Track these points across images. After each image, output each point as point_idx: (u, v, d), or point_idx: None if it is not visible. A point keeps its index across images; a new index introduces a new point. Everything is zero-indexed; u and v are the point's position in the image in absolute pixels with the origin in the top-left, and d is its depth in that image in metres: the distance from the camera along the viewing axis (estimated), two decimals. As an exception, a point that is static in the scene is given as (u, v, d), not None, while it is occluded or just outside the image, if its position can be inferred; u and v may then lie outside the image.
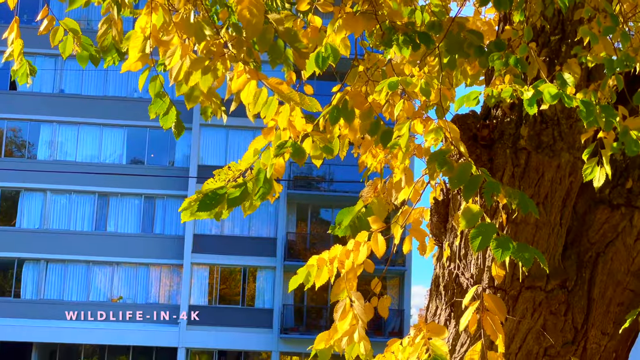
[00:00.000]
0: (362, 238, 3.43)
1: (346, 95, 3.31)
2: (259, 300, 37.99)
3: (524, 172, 3.81)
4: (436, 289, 4.04)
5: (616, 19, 3.39)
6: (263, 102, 3.12)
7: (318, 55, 3.44)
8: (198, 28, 3.20)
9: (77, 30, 3.57)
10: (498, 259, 2.77)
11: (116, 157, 38.80)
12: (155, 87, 3.37)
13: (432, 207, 4.07)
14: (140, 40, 3.43)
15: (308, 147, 3.14)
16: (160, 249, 37.58)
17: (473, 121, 3.95)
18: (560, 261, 3.85)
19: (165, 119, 3.37)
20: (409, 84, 3.37)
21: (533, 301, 3.76)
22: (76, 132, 38.64)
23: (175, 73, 3.23)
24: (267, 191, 3.10)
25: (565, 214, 3.85)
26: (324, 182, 39.26)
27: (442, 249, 4.03)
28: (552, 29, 3.93)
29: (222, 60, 3.21)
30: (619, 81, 3.41)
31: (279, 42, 3.20)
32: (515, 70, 3.52)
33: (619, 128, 3.25)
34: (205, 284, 37.71)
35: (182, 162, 38.82)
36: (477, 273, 3.81)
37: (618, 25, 3.40)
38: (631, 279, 3.88)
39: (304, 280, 3.52)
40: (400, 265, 37.37)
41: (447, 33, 3.30)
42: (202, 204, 3.07)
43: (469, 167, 2.86)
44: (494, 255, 2.80)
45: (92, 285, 37.53)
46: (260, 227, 38.25)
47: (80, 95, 38.87)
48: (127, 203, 38.21)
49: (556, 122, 3.82)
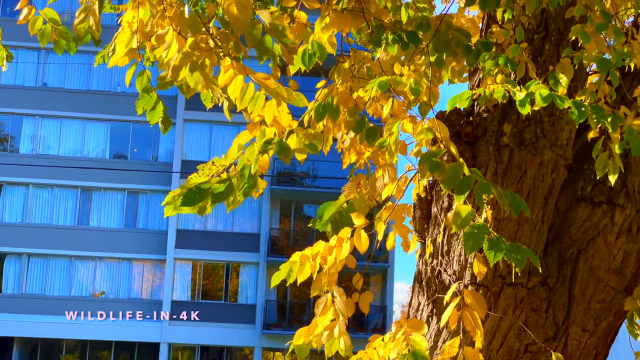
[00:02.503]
0: (345, 234, 3.45)
1: (332, 92, 3.33)
2: (242, 296, 37.97)
3: (506, 169, 3.84)
4: (419, 285, 4.06)
5: (608, 16, 3.41)
6: (250, 97, 3.13)
7: (305, 53, 3.45)
8: (193, 22, 3.21)
9: (56, 20, 3.57)
10: (491, 260, 2.79)
11: (99, 152, 38.65)
12: (142, 82, 3.36)
13: (415, 204, 4.09)
14: (127, 35, 3.42)
15: (293, 143, 3.15)
16: (143, 244, 37.48)
17: (456, 118, 3.97)
18: (542, 258, 3.88)
19: (152, 114, 3.37)
20: (398, 84, 3.39)
21: (515, 298, 3.79)
22: (59, 126, 38.45)
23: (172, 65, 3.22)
24: (251, 187, 3.10)
25: (547, 211, 3.88)
26: (308, 178, 39.29)
27: (425, 245, 4.05)
28: (536, 27, 3.95)
29: (209, 55, 3.21)
30: (614, 78, 3.43)
31: (267, 37, 3.20)
32: (505, 70, 3.55)
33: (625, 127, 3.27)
34: (188, 280, 37.65)
35: (165, 157, 38.71)
36: (460, 269, 3.84)
37: (610, 22, 3.42)
38: (612, 276, 3.91)
39: (286, 276, 3.53)
40: (383, 262, 37.46)
41: (435, 32, 3.31)
42: (186, 199, 3.07)
43: (460, 168, 2.88)
44: (486, 256, 2.82)
45: (74, 280, 37.38)
46: (244, 223, 38.23)
47: (63, 89, 38.68)
48: (110, 198, 38.08)
49: (539, 119, 3.85)
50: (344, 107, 3.39)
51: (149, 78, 3.37)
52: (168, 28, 3.33)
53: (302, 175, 39.28)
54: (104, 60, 3.89)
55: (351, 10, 3.38)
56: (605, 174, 3.53)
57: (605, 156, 3.43)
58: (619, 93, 3.88)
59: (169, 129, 3.44)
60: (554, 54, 3.88)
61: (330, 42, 3.43)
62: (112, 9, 7.29)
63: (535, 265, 2.85)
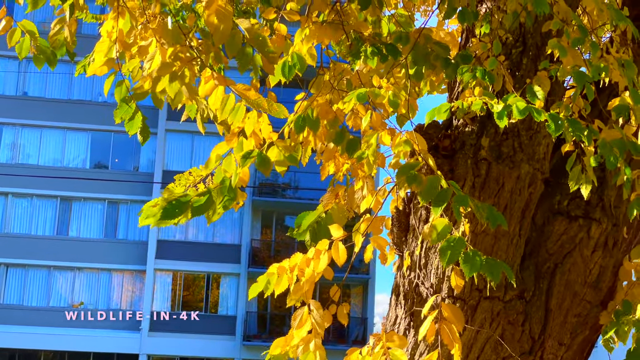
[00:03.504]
0: (323, 246, 3.45)
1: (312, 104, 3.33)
2: (222, 307, 37.82)
3: (484, 182, 3.85)
4: (396, 298, 4.06)
5: (585, 31, 3.44)
6: (231, 108, 3.13)
7: (284, 64, 3.45)
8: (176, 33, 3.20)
9: (34, 32, 3.55)
10: (467, 274, 2.80)
11: (80, 162, 38.45)
12: (121, 92, 3.35)
13: (393, 217, 4.10)
14: (106, 45, 3.42)
15: (273, 156, 3.15)
16: (123, 254, 37.28)
17: (435, 131, 3.99)
18: (519, 272, 3.89)
19: (131, 124, 3.36)
20: (377, 96, 3.41)
21: (491, 311, 3.80)
22: (39, 135, 38.24)
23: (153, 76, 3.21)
24: (231, 200, 3.10)
25: (524, 224, 3.90)
26: (290, 190, 39.26)
27: (402, 258, 4.05)
28: (514, 41, 3.98)
29: (189, 66, 3.21)
30: (589, 92, 3.46)
31: (248, 47, 3.21)
32: (483, 82, 3.57)
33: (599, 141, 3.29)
34: (168, 290, 37.46)
35: (147, 167, 38.57)
36: (437, 282, 3.84)
37: (587, 36, 3.45)
38: (588, 290, 3.93)
39: (263, 288, 3.52)
40: (363, 273, 37.46)
41: (414, 45, 3.33)
42: (165, 212, 3.05)
43: (437, 181, 2.89)
44: (462, 269, 2.83)
45: (52, 290, 37.09)
46: (225, 234, 38.12)
47: (44, 98, 38.49)
48: (90, 208, 37.86)
49: (516, 133, 3.87)
50: (324, 119, 3.40)
51: (127, 88, 3.36)
52: (151, 39, 3.32)
53: (283, 186, 39.25)
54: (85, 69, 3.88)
55: (331, 22, 3.39)
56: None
57: (579, 169, 3.45)
58: (594, 107, 3.92)
59: (147, 140, 3.43)
60: (532, 68, 3.91)
61: (310, 53, 3.44)
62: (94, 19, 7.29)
63: (510, 280, 2.86)
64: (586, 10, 3.76)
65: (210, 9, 3.05)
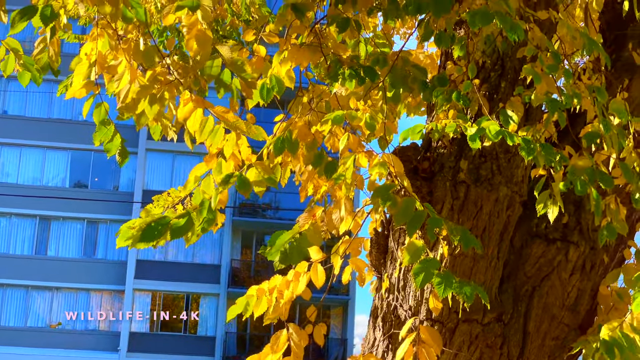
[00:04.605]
0: (302, 268, 3.44)
1: (291, 126, 3.33)
2: (202, 328, 37.58)
3: (463, 205, 3.86)
4: (374, 320, 4.05)
5: (559, 58, 3.47)
6: (209, 131, 3.13)
7: (263, 87, 3.46)
8: (147, 54, 3.20)
9: (18, 50, 3.54)
10: (440, 294, 2.81)
11: (59, 181, 38.21)
12: (99, 114, 3.35)
13: (372, 239, 4.09)
14: (85, 67, 3.42)
15: (252, 177, 3.15)
16: (101, 274, 36.99)
17: (414, 153, 4.00)
18: (497, 294, 3.89)
19: (110, 146, 3.35)
20: (354, 118, 3.41)
21: (470, 334, 3.80)
22: (18, 154, 37.99)
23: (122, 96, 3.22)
24: (210, 221, 3.09)
25: (502, 247, 3.90)
26: (270, 210, 39.18)
27: (381, 280, 4.05)
28: (492, 65, 4.01)
29: (168, 88, 3.21)
30: (561, 119, 3.49)
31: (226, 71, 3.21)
32: (458, 105, 3.59)
33: (569, 167, 3.32)
34: (147, 311, 37.18)
35: (126, 187, 38.39)
36: (415, 305, 3.84)
37: (560, 63, 3.48)
38: (566, 313, 3.94)
39: (242, 310, 3.51)
40: (343, 294, 37.37)
41: (391, 68, 3.34)
42: (144, 234, 3.04)
43: (412, 203, 2.90)
44: (436, 291, 2.83)
45: (30, 310, 36.72)
46: (205, 254, 37.94)
47: (23, 116, 38.29)
48: (69, 227, 37.59)
49: (495, 156, 3.89)
50: (302, 141, 3.40)
51: (106, 110, 3.36)
52: (121, 59, 3.32)
53: (264, 206, 39.17)
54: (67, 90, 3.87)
55: (309, 45, 3.40)
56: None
57: (547, 194, 3.47)
58: (567, 133, 3.94)
59: (126, 161, 3.43)
60: (510, 92, 3.93)
61: (289, 76, 3.45)
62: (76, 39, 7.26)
63: (485, 302, 2.86)
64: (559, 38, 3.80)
65: (191, 33, 3.06)
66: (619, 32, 4.30)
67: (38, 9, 3.08)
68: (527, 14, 3.61)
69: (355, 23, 3.42)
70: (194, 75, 3.22)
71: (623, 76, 4.17)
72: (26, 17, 3.09)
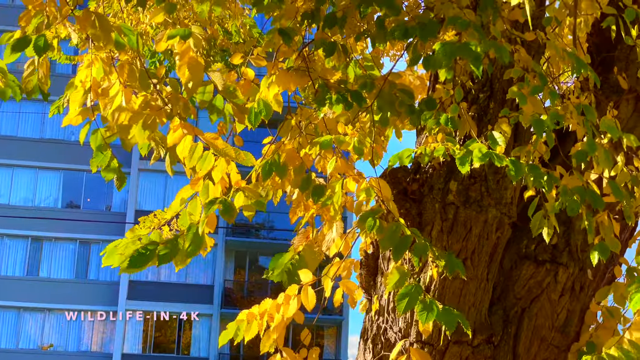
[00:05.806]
0: (293, 292, 3.44)
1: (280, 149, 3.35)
2: (195, 349, 37.39)
3: (452, 226, 3.87)
4: (364, 342, 4.04)
5: (545, 79, 3.49)
6: (199, 156, 3.15)
7: (251, 111, 3.47)
8: (142, 77, 3.23)
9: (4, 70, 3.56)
10: (422, 321, 2.82)
11: (51, 201, 38.11)
12: (96, 140, 3.37)
13: (362, 260, 4.09)
14: (80, 94, 3.44)
15: (240, 202, 3.16)
16: (94, 295, 36.81)
17: (403, 175, 4.01)
18: (487, 316, 3.89)
19: (107, 171, 3.38)
20: (342, 142, 3.43)
21: (460, 356, 3.79)
22: (10, 174, 37.90)
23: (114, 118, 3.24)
24: (197, 248, 3.09)
25: (492, 269, 3.91)
26: (264, 230, 39.11)
27: (371, 302, 4.05)
28: (481, 87, 4.03)
29: (158, 114, 3.23)
30: (550, 139, 3.50)
31: (218, 97, 3.24)
32: (447, 128, 3.60)
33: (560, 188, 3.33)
34: (139, 332, 36.99)
35: (119, 207, 38.29)
36: (405, 327, 3.84)
37: (547, 85, 3.50)
38: (555, 334, 3.94)
39: (233, 335, 3.52)
40: (337, 315, 37.26)
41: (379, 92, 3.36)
42: (132, 261, 3.05)
43: (399, 228, 2.91)
44: (418, 318, 2.84)
45: (22, 332, 36.49)
46: (198, 274, 37.80)
47: (15, 137, 38.23)
48: (62, 248, 37.45)
49: (484, 178, 3.90)
50: (291, 165, 3.41)
51: (103, 136, 3.37)
52: (115, 81, 3.34)
53: (257, 226, 39.09)
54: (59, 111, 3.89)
55: (297, 69, 3.42)
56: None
57: (540, 215, 3.48)
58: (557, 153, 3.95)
59: (124, 185, 3.45)
60: (499, 113, 3.94)
61: (277, 100, 3.46)
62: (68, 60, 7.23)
63: (465, 329, 2.88)
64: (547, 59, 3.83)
65: (183, 60, 3.09)
66: (607, 54, 4.32)
67: (31, 40, 3.10)
68: (514, 35, 3.64)
69: (343, 47, 3.43)
70: (184, 103, 3.25)
71: (611, 97, 4.19)
72: (19, 48, 3.11)
